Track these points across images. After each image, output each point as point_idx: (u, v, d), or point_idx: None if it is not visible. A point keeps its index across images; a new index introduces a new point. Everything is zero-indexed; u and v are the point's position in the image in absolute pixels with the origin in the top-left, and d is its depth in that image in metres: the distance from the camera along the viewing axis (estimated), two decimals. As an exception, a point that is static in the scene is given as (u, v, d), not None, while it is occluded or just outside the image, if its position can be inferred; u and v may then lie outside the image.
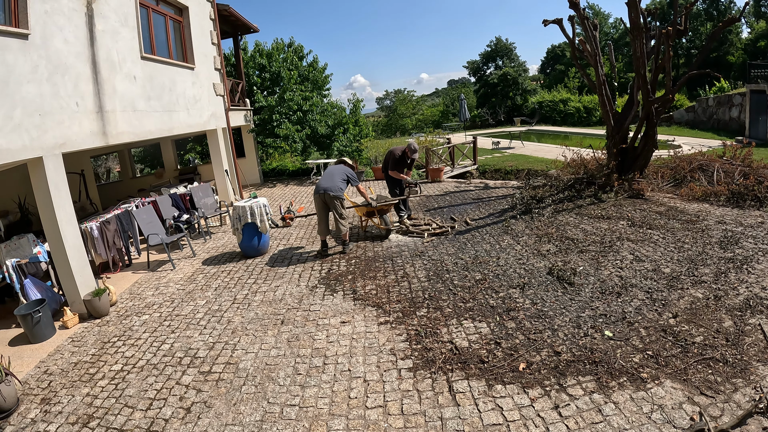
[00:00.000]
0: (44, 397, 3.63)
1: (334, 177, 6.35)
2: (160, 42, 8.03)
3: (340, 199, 6.26)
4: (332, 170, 6.50)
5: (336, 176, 6.36)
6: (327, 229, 6.47)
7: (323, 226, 6.44)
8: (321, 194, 6.26)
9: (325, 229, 6.45)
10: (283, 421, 3.04)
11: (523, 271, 5.05)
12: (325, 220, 6.44)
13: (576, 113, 28.34)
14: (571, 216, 7.05)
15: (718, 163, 8.44)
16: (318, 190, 6.30)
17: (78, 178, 9.83)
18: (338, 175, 6.39)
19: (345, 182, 6.40)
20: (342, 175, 6.40)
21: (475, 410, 2.94)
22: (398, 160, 7.38)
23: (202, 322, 4.68)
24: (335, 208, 6.27)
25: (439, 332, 3.95)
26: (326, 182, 6.30)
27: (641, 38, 7.58)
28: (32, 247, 5.71)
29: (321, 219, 6.43)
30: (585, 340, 3.57)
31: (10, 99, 4.49)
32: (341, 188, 6.29)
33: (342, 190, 6.30)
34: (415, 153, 7.39)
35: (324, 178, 6.40)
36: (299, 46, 16.83)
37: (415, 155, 7.42)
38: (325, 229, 6.45)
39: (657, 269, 4.72)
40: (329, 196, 6.21)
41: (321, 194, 6.26)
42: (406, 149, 7.44)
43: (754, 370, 2.99)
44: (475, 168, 13.56)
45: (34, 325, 4.59)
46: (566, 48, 34.37)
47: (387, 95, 45.99)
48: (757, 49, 28.55)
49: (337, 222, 6.34)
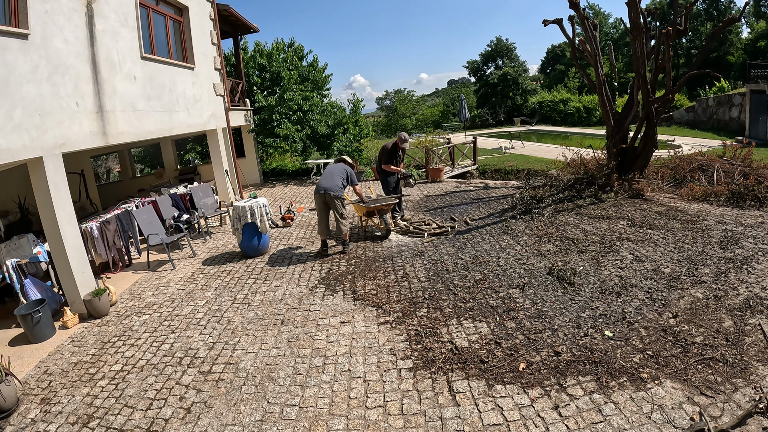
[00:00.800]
0: (44, 397, 3.63)
1: (334, 176, 6.35)
2: (160, 42, 8.03)
3: (341, 199, 6.26)
4: (332, 169, 6.49)
5: (336, 176, 6.36)
6: (327, 228, 6.47)
7: (323, 226, 6.43)
8: (321, 194, 6.26)
9: (325, 228, 6.44)
10: (283, 421, 3.04)
11: (523, 271, 5.05)
12: (325, 220, 6.44)
13: (576, 113, 28.34)
14: (571, 216, 7.05)
15: (718, 163, 8.44)
16: (318, 190, 6.30)
17: (78, 178, 9.84)
18: (338, 174, 6.38)
19: (345, 181, 6.40)
20: (342, 174, 6.40)
21: (475, 410, 2.94)
22: (389, 152, 7.37)
23: (202, 322, 4.68)
24: (336, 207, 6.27)
25: (439, 332, 3.95)
26: (326, 182, 6.29)
27: (641, 38, 7.58)
28: (32, 247, 5.71)
29: (321, 219, 6.42)
30: (585, 340, 3.57)
31: (10, 99, 4.49)
32: (341, 188, 6.29)
33: (342, 189, 6.30)
34: (406, 142, 7.38)
35: (324, 178, 6.39)
36: (299, 46, 16.84)
37: (406, 144, 7.41)
38: (325, 229, 6.44)
39: (657, 269, 4.72)
40: (329, 196, 6.21)
41: (321, 194, 6.26)
42: (396, 141, 7.43)
43: (754, 370, 2.99)
44: (475, 168, 13.56)
45: (34, 325, 4.59)
46: (566, 48, 34.39)
47: (387, 95, 46.00)
48: (757, 49, 28.56)
49: (338, 222, 6.34)
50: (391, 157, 7.39)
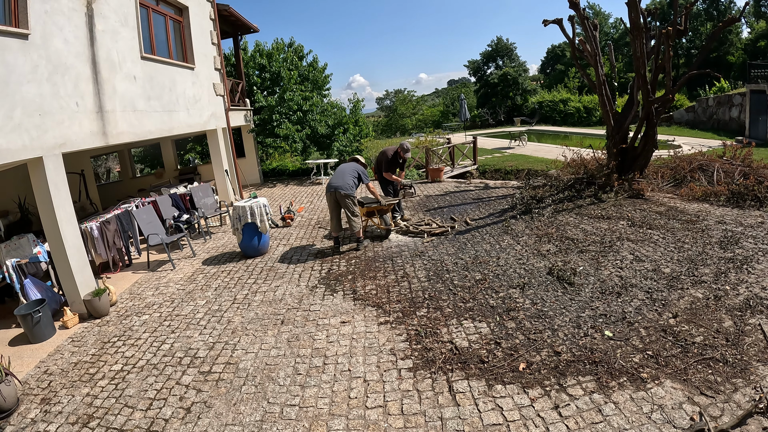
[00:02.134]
0: (44, 397, 3.63)
1: (345, 175, 6.39)
2: (160, 42, 8.03)
3: (351, 197, 6.30)
4: (344, 168, 6.55)
5: (347, 174, 6.40)
6: (339, 226, 6.56)
7: (335, 223, 6.53)
8: (332, 192, 6.30)
9: (337, 225, 6.53)
10: (283, 421, 3.04)
11: (523, 271, 5.05)
12: (337, 218, 6.52)
13: (576, 113, 28.33)
14: (571, 216, 7.05)
15: (718, 163, 8.44)
16: (329, 188, 6.36)
17: (78, 178, 9.84)
18: (349, 173, 6.43)
19: (356, 180, 6.45)
20: (353, 173, 6.45)
21: (475, 410, 2.94)
22: (390, 160, 7.38)
23: (202, 322, 4.68)
24: (346, 206, 6.31)
25: (439, 332, 3.95)
26: (337, 180, 6.34)
27: (641, 38, 7.58)
28: (32, 247, 5.72)
29: (333, 216, 6.52)
30: (585, 340, 3.57)
31: (10, 99, 4.49)
32: (352, 186, 6.33)
33: (353, 188, 6.34)
34: (407, 152, 7.41)
35: (335, 176, 6.44)
36: (299, 46, 16.84)
37: (407, 154, 7.43)
38: (337, 226, 6.53)
39: (657, 269, 4.72)
40: (340, 195, 6.25)
41: (332, 192, 6.30)
42: (398, 149, 7.43)
43: (754, 370, 2.99)
44: (475, 168, 13.56)
45: (34, 325, 4.59)
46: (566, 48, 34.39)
47: (387, 95, 46.04)
48: (757, 49, 28.54)
49: (350, 220, 6.38)
50: (392, 166, 7.41)
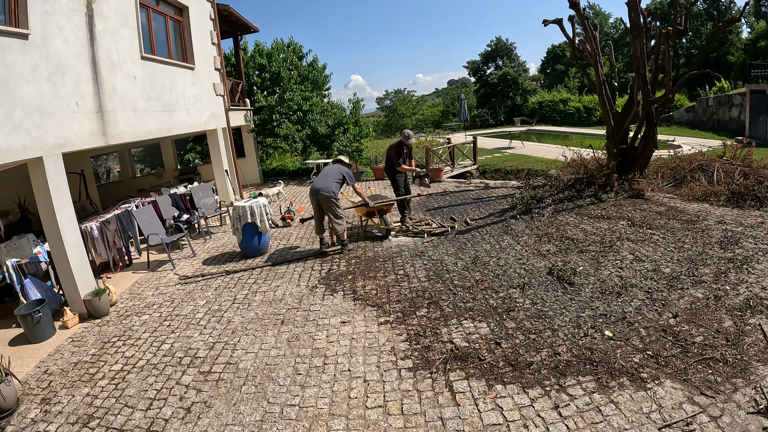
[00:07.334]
0: (44, 397, 3.63)
1: (327, 177, 6.37)
2: (160, 42, 8.03)
3: (333, 200, 6.26)
4: (327, 171, 6.51)
5: (330, 177, 6.37)
6: (322, 227, 6.59)
7: (319, 226, 6.55)
8: (315, 195, 6.29)
9: (319, 228, 6.56)
10: (283, 421, 3.04)
11: (523, 271, 5.05)
12: (320, 220, 6.53)
13: (576, 113, 28.32)
14: (571, 216, 7.05)
15: (718, 163, 8.44)
16: (312, 192, 6.34)
17: (78, 178, 9.84)
18: (332, 175, 6.39)
19: (340, 182, 6.39)
20: (336, 176, 6.39)
21: (475, 410, 2.94)
22: (398, 152, 7.33)
23: (202, 322, 4.68)
24: (329, 208, 6.28)
25: (439, 332, 3.95)
26: (320, 183, 6.33)
27: (641, 38, 7.58)
28: (32, 247, 5.72)
29: (317, 218, 6.53)
30: (585, 340, 3.57)
31: (10, 99, 4.49)
32: (334, 188, 6.29)
33: (335, 190, 6.29)
34: (410, 139, 7.33)
35: (318, 179, 6.42)
36: (299, 46, 16.85)
37: (411, 140, 7.35)
38: (319, 228, 6.56)
39: (657, 269, 4.72)
40: (322, 197, 6.23)
41: (315, 195, 6.29)
42: (401, 139, 7.40)
43: (754, 370, 2.99)
44: (475, 168, 13.56)
45: (34, 325, 4.59)
46: (566, 48, 34.36)
47: (387, 95, 46.04)
48: (757, 49, 28.53)
49: (332, 222, 6.37)
50: (400, 158, 7.36)
